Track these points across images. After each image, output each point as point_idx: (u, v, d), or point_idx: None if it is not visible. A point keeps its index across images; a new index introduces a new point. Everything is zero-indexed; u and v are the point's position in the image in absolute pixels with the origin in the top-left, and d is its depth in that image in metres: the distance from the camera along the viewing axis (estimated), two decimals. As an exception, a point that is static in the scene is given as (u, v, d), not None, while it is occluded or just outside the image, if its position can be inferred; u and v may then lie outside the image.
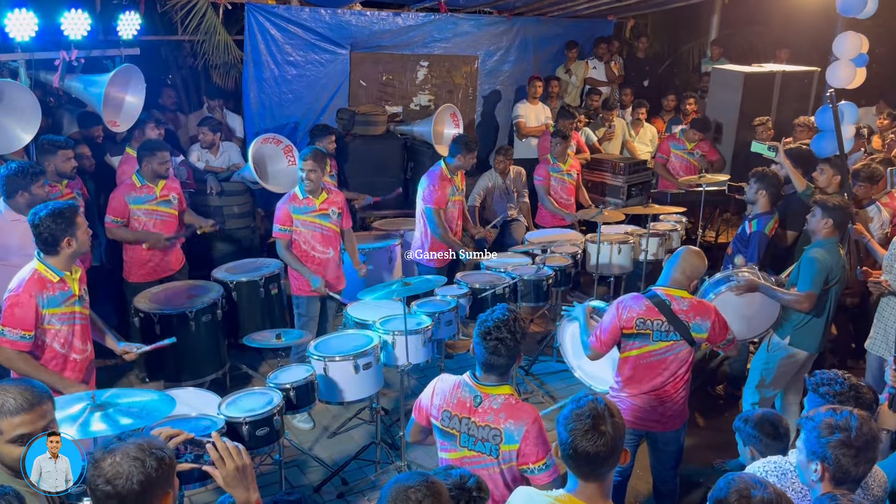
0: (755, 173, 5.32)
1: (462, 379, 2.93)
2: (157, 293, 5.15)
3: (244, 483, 2.12)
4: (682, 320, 3.62)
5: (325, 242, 5.21)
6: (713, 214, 8.17)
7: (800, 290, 4.44)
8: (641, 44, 10.26)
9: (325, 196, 5.18)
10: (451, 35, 8.35)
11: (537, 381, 5.80)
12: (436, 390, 2.99)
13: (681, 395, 3.77)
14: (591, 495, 2.27)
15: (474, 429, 2.84)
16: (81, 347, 3.80)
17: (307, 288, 5.17)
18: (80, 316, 3.78)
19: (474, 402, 2.85)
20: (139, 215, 5.32)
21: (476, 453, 2.86)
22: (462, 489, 2.24)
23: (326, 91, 7.71)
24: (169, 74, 7.92)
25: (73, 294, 3.71)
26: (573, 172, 7.20)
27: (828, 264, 4.39)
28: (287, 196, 5.17)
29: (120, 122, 5.85)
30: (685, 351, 3.68)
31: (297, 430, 5.07)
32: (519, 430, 2.77)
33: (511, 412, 2.80)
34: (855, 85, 5.96)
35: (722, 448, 4.77)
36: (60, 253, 3.60)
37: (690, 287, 3.73)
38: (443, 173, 5.80)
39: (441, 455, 3.02)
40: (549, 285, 5.62)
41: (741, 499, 1.94)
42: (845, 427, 2.27)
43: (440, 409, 2.92)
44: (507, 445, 2.78)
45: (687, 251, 3.79)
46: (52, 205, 3.60)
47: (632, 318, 3.64)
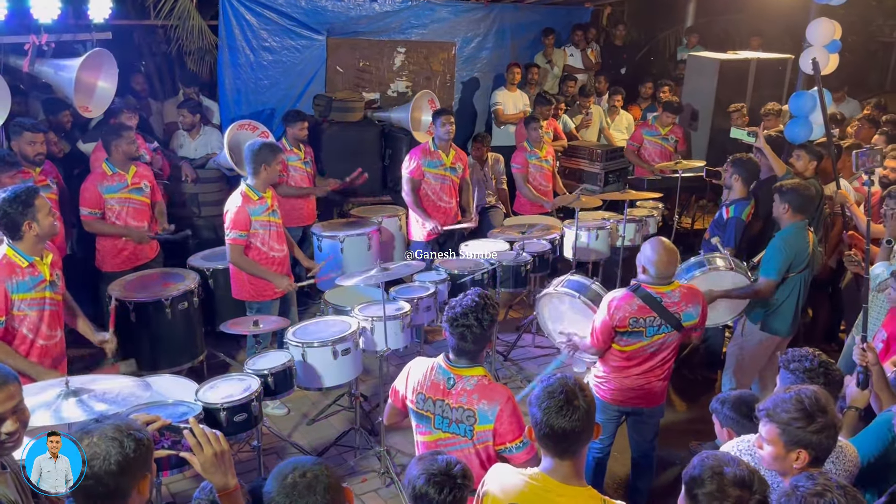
0: (732, 158, 5.37)
1: (436, 362, 2.96)
2: (132, 281, 5.09)
3: (222, 469, 2.12)
4: (672, 313, 3.67)
5: (280, 240, 5.05)
6: (689, 200, 8.24)
7: (760, 276, 4.51)
8: (618, 31, 10.28)
9: (270, 191, 5.02)
10: (428, 21, 8.30)
11: (516, 366, 5.84)
12: (410, 373, 3.01)
13: (666, 375, 3.87)
14: (565, 474, 2.29)
15: (448, 411, 2.87)
16: (49, 333, 3.75)
17: (269, 291, 4.99)
18: (50, 301, 3.73)
19: (447, 384, 2.88)
20: (112, 204, 5.23)
21: (450, 435, 2.88)
22: (447, 475, 2.25)
23: (303, 77, 7.64)
24: (142, 61, 7.78)
25: (44, 279, 3.67)
26: (549, 159, 7.22)
27: (792, 251, 4.45)
28: (240, 198, 4.84)
29: (92, 108, 5.75)
30: (675, 338, 3.77)
31: (272, 416, 5.05)
32: (492, 409, 2.80)
33: (484, 392, 2.83)
34: (828, 71, 6.02)
35: (698, 431, 4.84)
36: (24, 237, 3.55)
37: (672, 276, 3.77)
38: (424, 146, 6.13)
39: (416, 438, 3.04)
40: (528, 271, 5.65)
41: (714, 476, 1.96)
42: (820, 409, 2.28)
43: (415, 391, 2.95)
44: (482, 426, 2.81)
45: (660, 250, 3.70)
46: (9, 189, 3.54)
47: (625, 318, 3.66)
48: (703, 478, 1.97)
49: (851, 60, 8.82)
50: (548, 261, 5.95)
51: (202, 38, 7.00)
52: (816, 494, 1.83)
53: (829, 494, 1.82)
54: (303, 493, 1.85)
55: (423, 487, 2.23)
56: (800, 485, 1.86)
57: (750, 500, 1.93)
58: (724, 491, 1.93)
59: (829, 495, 1.82)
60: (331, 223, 6.38)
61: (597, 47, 9.92)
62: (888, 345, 3.89)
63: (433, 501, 2.22)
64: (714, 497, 1.93)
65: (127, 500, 1.89)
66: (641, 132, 7.91)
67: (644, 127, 8.00)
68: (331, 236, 5.90)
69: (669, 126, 7.70)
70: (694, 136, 8.12)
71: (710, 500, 1.94)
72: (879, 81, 12.46)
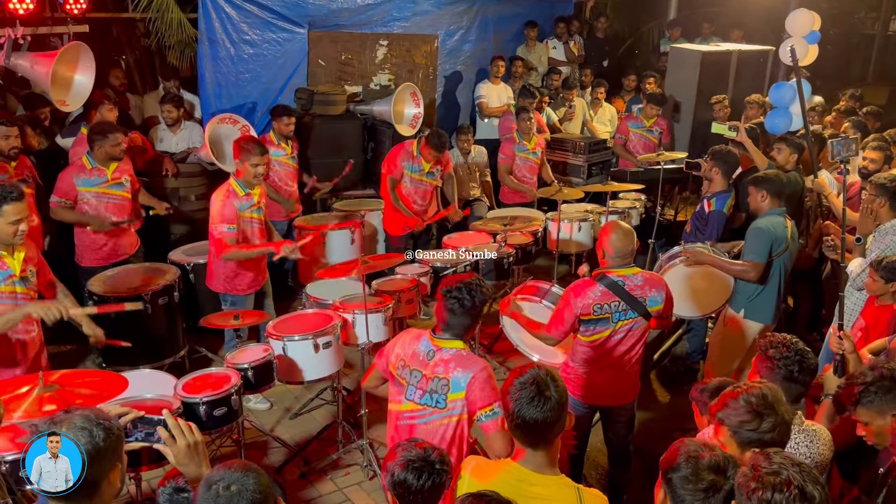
0: (711, 151, 5.40)
1: (423, 334, 3.08)
2: (113, 276, 5.04)
3: (196, 460, 2.11)
4: (637, 298, 3.64)
5: (263, 236, 5.00)
6: (672, 192, 8.28)
7: (745, 259, 4.53)
8: (601, 23, 10.29)
9: (259, 188, 4.96)
10: (410, 14, 8.27)
11: (500, 357, 5.84)
12: (400, 339, 3.14)
13: (635, 370, 3.83)
14: (539, 463, 2.30)
15: (423, 381, 2.95)
16: (25, 328, 3.74)
17: (243, 285, 4.95)
18: (22, 296, 3.71)
19: (427, 356, 2.98)
20: (89, 198, 5.16)
21: (421, 406, 2.96)
22: (425, 461, 2.25)
23: (284, 70, 7.59)
24: (121, 54, 7.71)
25: (13, 274, 3.66)
26: (538, 151, 7.22)
27: (771, 233, 4.47)
28: (227, 193, 4.77)
29: (69, 102, 5.69)
30: (642, 327, 3.73)
31: (255, 411, 5.03)
32: (465, 376, 2.86)
33: (460, 362, 2.92)
34: (807, 62, 6.05)
35: (680, 421, 4.85)
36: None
37: (632, 259, 3.75)
38: (408, 147, 6.05)
39: (389, 407, 3.13)
40: (510, 263, 5.65)
41: (690, 460, 1.97)
42: (767, 406, 2.31)
43: (398, 356, 3.07)
44: (455, 394, 2.87)
45: (615, 228, 3.70)
46: None
47: (588, 306, 3.61)
48: (679, 463, 1.99)
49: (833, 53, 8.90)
50: (531, 253, 5.96)
51: (182, 32, 6.96)
52: (773, 473, 1.85)
53: (785, 472, 1.84)
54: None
55: (401, 474, 2.23)
56: (758, 464, 1.88)
57: (724, 485, 1.94)
58: (699, 475, 1.94)
59: (786, 473, 1.84)
60: (314, 217, 6.37)
61: (580, 40, 9.92)
62: (866, 333, 3.93)
63: (412, 487, 2.22)
64: (689, 481, 1.95)
65: (98, 491, 1.87)
66: (627, 125, 7.91)
67: (630, 119, 8.01)
68: (314, 229, 5.88)
69: (654, 118, 7.71)
70: (676, 128, 8.15)
71: (684, 484, 1.95)
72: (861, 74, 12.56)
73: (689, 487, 1.94)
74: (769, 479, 1.83)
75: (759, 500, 1.82)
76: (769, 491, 1.82)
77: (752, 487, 1.84)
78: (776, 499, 1.81)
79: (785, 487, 1.81)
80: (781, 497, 1.80)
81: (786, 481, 1.82)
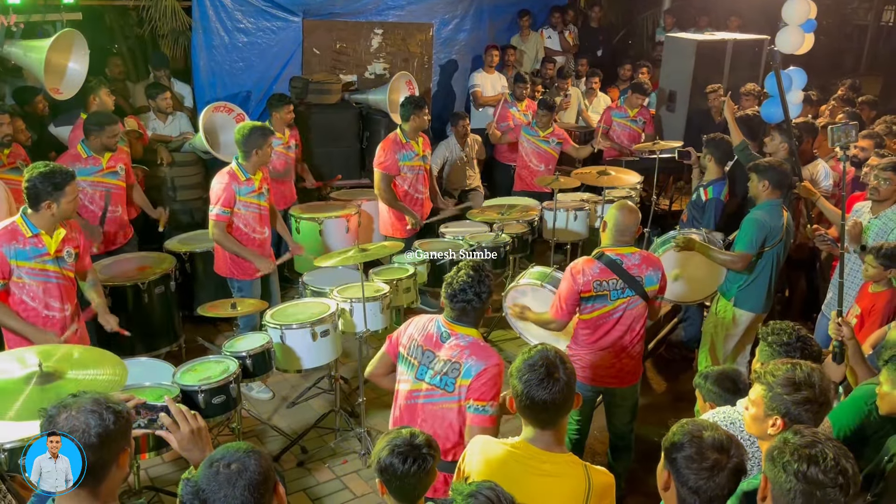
0: (705, 139, 5.41)
1: (436, 317, 3.05)
2: (109, 265, 5.03)
3: (199, 446, 2.11)
4: (634, 276, 3.70)
5: (262, 223, 4.98)
6: (667, 181, 8.28)
7: (735, 250, 4.55)
8: (595, 13, 10.26)
9: (261, 174, 4.94)
10: (405, 2, 8.22)
11: (496, 346, 5.85)
12: (412, 322, 3.11)
13: (636, 350, 3.87)
14: (547, 442, 2.34)
15: (435, 362, 2.93)
16: (58, 306, 3.90)
17: (251, 270, 4.92)
18: (55, 275, 3.85)
19: (441, 337, 2.96)
20: (84, 186, 5.08)
21: (431, 387, 2.94)
22: (411, 446, 2.25)
23: (279, 59, 7.55)
24: (114, 43, 7.65)
25: (47, 252, 3.79)
26: (552, 140, 7.03)
27: (767, 226, 4.48)
28: (227, 176, 4.78)
29: (63, 90, 5.64)
30: (640, 306, 3.78)
31: (257, 401, 5.03)
32: (478, 366, 2.84)
33: (477, 350, 2.90)
34: (803, 51, 6.04)
35: (677, 409, 4.88)
36: (40, 212, 3.73)
37: (632, 239, 3.82)
38: (396, 138, 5.84)
39: (396, 387, 3.11)
40: (507, 252, 5.65)
41: (693, 439, 1.98)
42: (809, 384, 2.31)
43: (410, 338, 3.05)
44: (464, 380, 2.85)
45: (622, 206, 3.82)
46: (51, 165, 3.75)
47: (589, 282, 3.70)
48: (682, 442, 2.00)
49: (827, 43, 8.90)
50: (527, 242, 5.96)
51: (175, 19, 6.91)
52: (808, 445, 1.86)
53: (819, 446, 1.86)
54: (221, 485, 1.78)
55: (387, 459, 2.23)
56: (790, 439, 1.89)
57: (728, 464, 1.95)
58: (703, 454, 1.95)
59: (820, 446, 1.86)
60: (310, 206, 6.34)
61: (574, 29, 9.90)
62: (862, 320, 3.95)
63: (398, 472, 2.22)
64: (692, 460, 1.95)
65: (107, 474, 1.88)
66: (610, 114, 7.90)
67: (613, 109, 8.00)
68: (310, 218, 5.87)
69: (638, 108, 7.70)
70: (672, 118, 8.13)
71: (688, 464, 1.96)
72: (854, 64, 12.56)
73: (693, 467, 1.95)
74: (804, 452, 1.84)
75: (795, 473, 1.83)
76: (804, 463, 1.83)
77: (786, 460, 1.85)
78: (811, 472, 1.82)
79: (821, 460, 1.82)
80: (817, 470, 1.81)
81: (821, 454, 1.83)
